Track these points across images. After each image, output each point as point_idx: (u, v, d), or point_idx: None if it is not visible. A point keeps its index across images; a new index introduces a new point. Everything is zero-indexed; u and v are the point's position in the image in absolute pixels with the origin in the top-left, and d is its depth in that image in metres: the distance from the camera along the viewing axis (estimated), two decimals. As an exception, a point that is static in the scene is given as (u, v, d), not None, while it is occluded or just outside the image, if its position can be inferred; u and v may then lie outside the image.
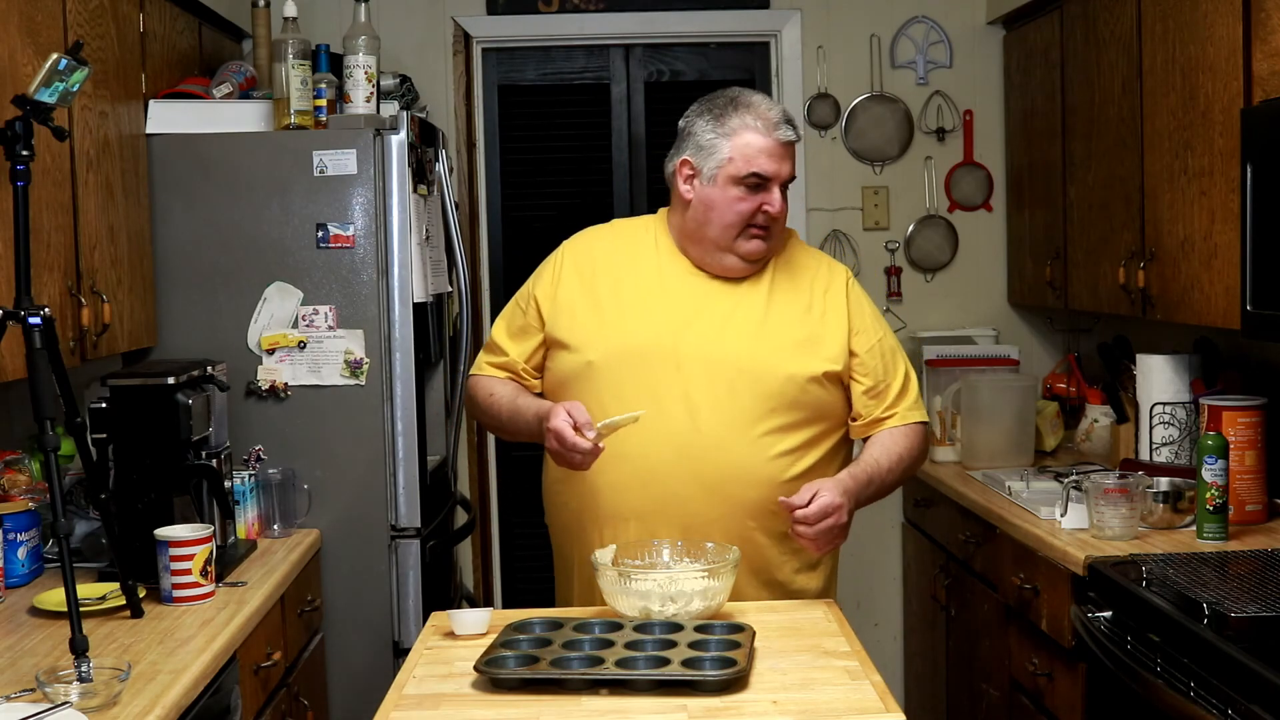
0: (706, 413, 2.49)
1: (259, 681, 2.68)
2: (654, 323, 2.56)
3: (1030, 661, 3.13)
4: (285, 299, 3.30)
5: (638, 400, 2.47)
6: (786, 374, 2.51)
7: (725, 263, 2.58)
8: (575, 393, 2.54)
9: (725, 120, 2.55)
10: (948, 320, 4.44)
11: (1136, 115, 3.32)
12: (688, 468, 2.49)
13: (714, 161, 2.54)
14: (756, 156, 2.51)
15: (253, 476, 3.16)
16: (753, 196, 2.53)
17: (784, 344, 2.54)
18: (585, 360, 2.55)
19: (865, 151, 4.42)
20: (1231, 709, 2.13)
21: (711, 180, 2.54)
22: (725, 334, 2.54)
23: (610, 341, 2.55)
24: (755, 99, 2.58)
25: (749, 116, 2.54)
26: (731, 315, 2.56)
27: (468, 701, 1.96)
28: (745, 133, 2.52)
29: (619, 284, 2.61)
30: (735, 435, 2.49)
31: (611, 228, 2.77)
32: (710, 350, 2.52)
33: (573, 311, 2.60)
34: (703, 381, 2.51)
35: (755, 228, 2.54)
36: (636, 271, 2.62)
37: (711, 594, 2.24)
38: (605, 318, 2.58)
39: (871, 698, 1.95)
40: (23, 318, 2.34)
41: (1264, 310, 2.57)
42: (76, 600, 2.24)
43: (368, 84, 3.34)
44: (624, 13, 4.37)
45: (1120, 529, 2.92)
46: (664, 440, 2.49)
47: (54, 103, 2.39)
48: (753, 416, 2.50)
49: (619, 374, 2.53)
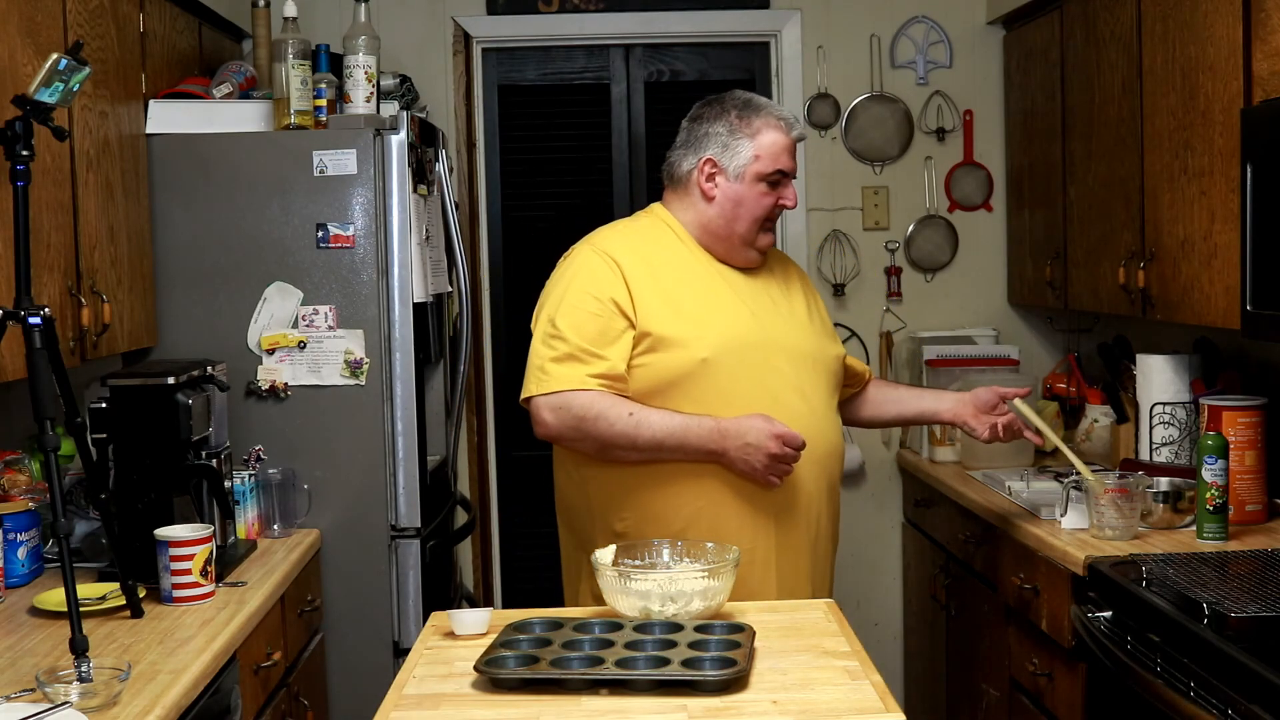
0: (813, 398, 2.66)
1: (259, 681, 2.68)
2: (742, 314, 2.65)
3: (1030, 661, 3.13)
4: (285, 299, 3.30)
5: (756, 393, 2.57)
6: (835, 354, 2.77)
7: (747, 256, 2.72)
8: (688, 392, 2.56)
9: (749, 121, 2.67)
10: (948, 320, 4.44)
11: (1136, 115, 3.32)
12: (812, 450, 2.59)
13: (740, 160, 2.67)
14: (781, 154, 2.67)
15: (253, 476, 3.16)
16: (774, 192, 2.68)
17: (821, 328, 2.78)
18: (698, 358, 2.55)
19: (865, 151, 4.42)
20: (1231, 709, 2.13)
21: (739, 178, 2.67)
22: (790, 323, 2.71)
23: (717, 337, 2.58)
24: (766, 101, 2.73)
25: (770, 117, 2.68)
26: (779, 305, 2.72)
27: (468, 701, 1.96)
28: (769, 132, 2.67)
29: (687, 282, 2.65)
30: (830, 415, 2.71)
31: (629, 227, 2.78)
32: (791, 339, 2.68)
33: (656, 309, 2.58)
34: (801, 369, 2.66)
35: (770, 221, 2.71)
36: (688, 268, 2.67)
37: (711, 594, 2.24)
38: (700, 315, 2.60)
39: (871, 698, 1.95)
40: (23, 318, 2.34)
41: (1264, 310, 2.57)
42: (76, 600, 2.24)
43: (368, 84, 3.34)
44: (624, 13, 4.37)
45: (1120, 529, 2.92)
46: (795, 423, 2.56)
47: (54, 103, 2.39)
48: (828, 396, 2.73)
49: (735, 369, 2.57)
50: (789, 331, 2.68)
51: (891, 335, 4.43)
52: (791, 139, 2.69)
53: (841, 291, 4.42)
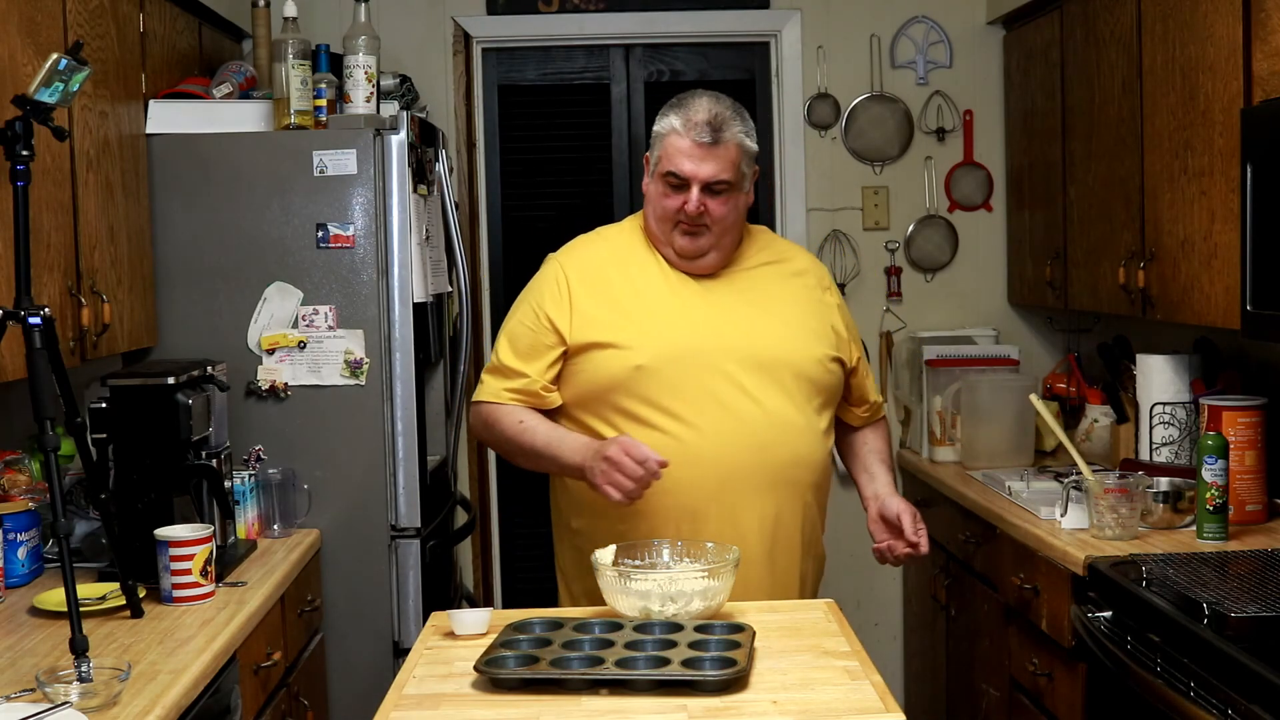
0: (768, 402, 2.57)
1: (259, 681, 2.68)
2: (688, 321, 2.60)
3: (1030, 661, 3.13)
4: (285, 299, 3.30)
5: (699, 398, 2.54)
6: (814, 358, 2.64)
7: (668, 256, 2.65)
8: (624, 398, 2.55)
9: (663, 118, 2.63)
10: (948, 320, 4.44)
11: (1136, 115, 3.32)
12: (761, 457, 2.55)
13: (654, 158, 2.64)
14: (675, 156, 2.57)
15: (253, 476, 3.16)
16: (675, 195, 2.59)
17: (802, 330, 2.66)
18: (634, 364, 2.54)
19: (865, 151, 4.42)
20: (1231, 709, 2.13)
21: (653, 176, 2.64)
22: (749, 328, 2.61)
23: (654, 344, 2.56)
24: (696, 101, 2.61)
25: (676, 117, 2.60)
26: (746, 309, 2.64)
27: (468, 701, 1.96)
28: (670, 133, 2.60)
29: (635, 287, 2.63)
30: (795, 420, 2.60)
31: (601, 236, 2.77)
32: (748, 343, 2.59)
33: (599, 319, 2.59)
34: (752, 373, 2.57)
35: (683, 224, 2.60)
36: (646, 274, 2.65)
37: (711, 594, 2.24)
38: (638, 321, 2.58)
39: (871, 698, 1.95)
40: (23, 318, 2.34)
41: (1264, 310, 2.57)
42: (76, 600, 2.24)
43: (368, 84, 3.34)
44: (624, 13, 4.37)
45: (1120, 529, 2.92)
46: (731, 436, 2.54)
47: (54, 103, 2.38)
48: (801, 400, 2.62)
49: (672, 374, 2.55)
50: (746, 337, 2.59)
51: (891, 335, 4.43)
52: (690, 142, 2.55)
53: (842, 291, 4.40)
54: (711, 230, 2.60)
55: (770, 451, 2.56)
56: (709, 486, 2.54)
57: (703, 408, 2.55)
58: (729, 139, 2.58)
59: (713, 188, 2.57)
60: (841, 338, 2.72)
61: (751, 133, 2.65)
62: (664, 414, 2.54)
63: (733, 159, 2.59)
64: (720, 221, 2.60)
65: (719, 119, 2.58)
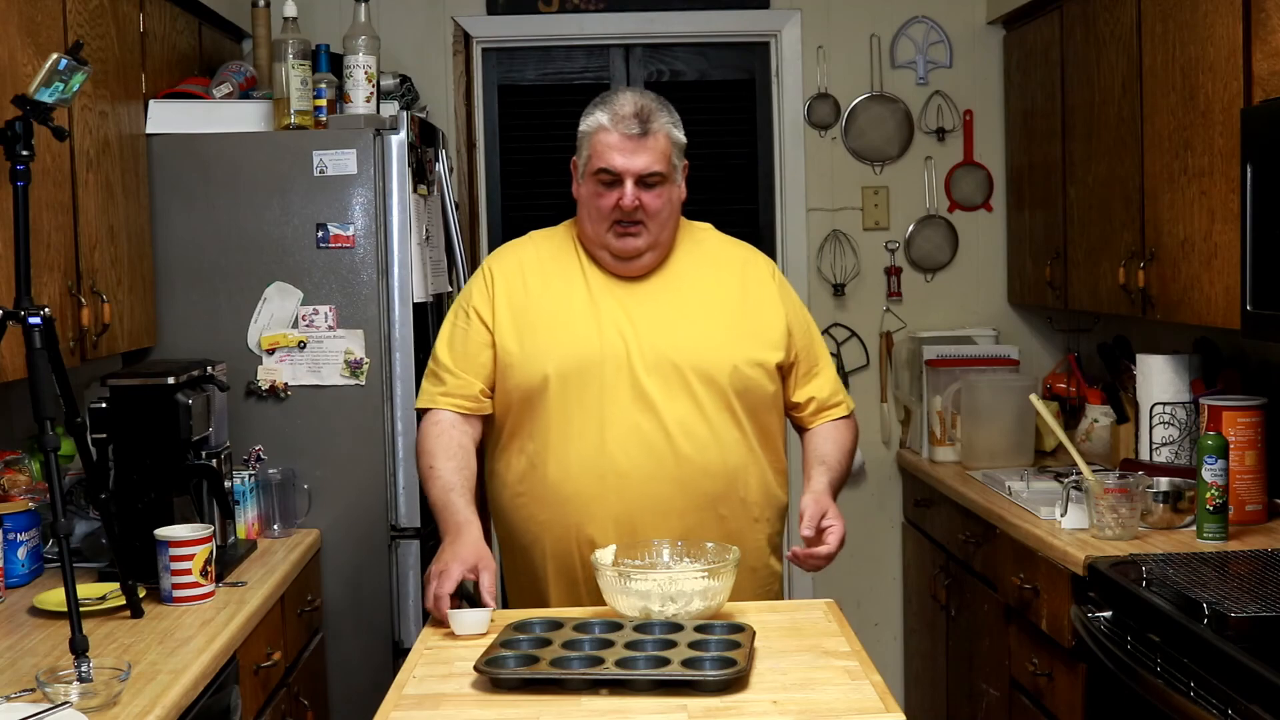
0: (672, 413, 2.50)
1: (259, 681, 2.68)
2: (601, 330, 2.53)
3: (1030, 661, 3.13)
4: (285, 299, 3.30)
5: (585, 415, 2.49)
6: (733, 365, 2.54)
7: (604, 260, 2.58)
8: (534, 407, 2.52)
9: (587, 117, 2.57)
10: (948, 320, 4.44)
11: (1136, 115, 3.32)
12: (663, 469, 2.49)
13: (582, 159, 2.57)
14: (604, 152, 2.51)
15: (253, 476, 3.16)
16: (609, 192, 2.52)
17: (727, 337, 2.56)
18: (541, 374, 2.51)
19: (865, 151, 4.43)
20: (1231, 709, 2.13)
21: (583, 177, 2.57)
22: (669, 333, 2.54)
23: (563, 353, 2.51)
24: (620, 95, 2.56)
25: (602, 113, 2.54)
26: (670, 314, 2.56)
27: (468, 701, 1.96)
28: (598, 130, 2.53)
29: (552, 295, 2.57)
30: (701, 431, 2.51)
31: (530, 240, 2.71)
32: (660, 351, 2.52)
33: (515, 327, 2.56)
34: (660, 383, 2.50)
35: (620, 224, 2.53)
36: (568, 280, 2.59)
37: (711, 594, 2.24)
38: (550, 330, 2.53)
39: (871, 698, 1.95)
40: (23, 318, 2.34)
41: (1264, 310, 2.57)
42: (76, 600, 2.24)
43: (368, 84, 3.35)
44: (624, 13, 4.37)
45: (1120, 529, 2.92)
46: (636, 445, 2.49)
47: (54, 103, 2.38)
48: (712, 408, 2.52)
49: (580, 384, 2.50)
50: (660, 345, 2.52)
51: (891, 335, 4.43)
52: (618, 135, 2.49)
53: (841, 291, 4.42)
54: (648, 227, 2.53)
55: (672, 463, 2.49)
56: (609, 500, 2.49)
57: (605, 419, 2.49)
58: (658, 129, 2.52)
59: (646, 180, 2.51)
60: (782, 336, 2.61)
61: (679, 124, 2.58)
62: (567, 426, 2.49)
63: (663, 150, 2.52)
64: (656, 216, 2.53)
65: (645, 110, 2.52)
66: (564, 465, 2.50)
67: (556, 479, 2.51)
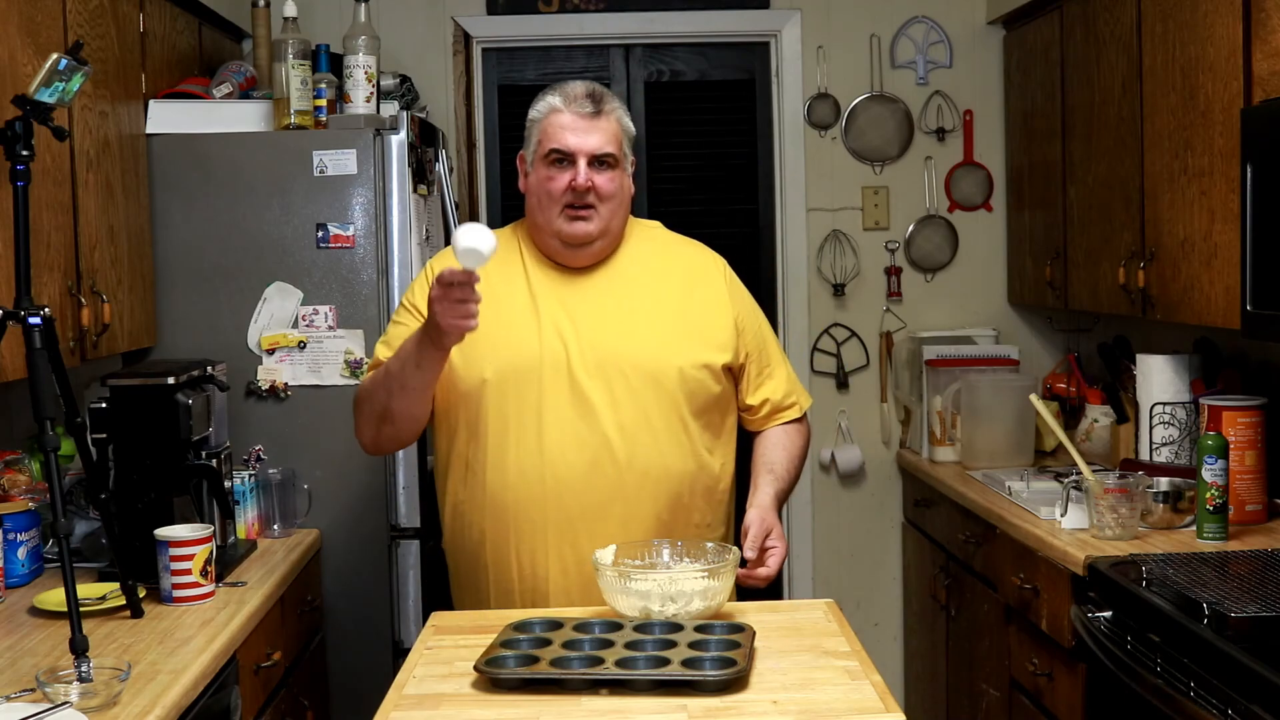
0: (613, 418, 2.45)
1: (259, 681, 2.68)
2: (540, 332, 2.49)
3: (1030, 661, 3.13)
4: (285, 299, 3.30)
5: (538, 412, 2.45)
6: (678, 367, 2.49)
7: (554, 248, 2.55)
8: (473, 411, 2.48)
9: (537, 103, 2.57)
10: (948, 320, 4.44)
11: (1136, 115, 3.32)
12: (602, 474, 2.45)
13: (531, 147, 2.56)
14: (557, 132, 2.50)
15: (253, 476, 3.16)
16: (561, 174, 2.50)
17: (673, 337, 2.52)
18: (480, 378, 2.47)
19: (865, 151, 4.43)
20: (1231, 709, 2.13)
21: (533, 164, 2.56)
22: (613, 334, 2.50)
23: (501, 356, 2.47)
24: (571, 82, 2.56)
25: (555, 96, 2.53)
26: (614, 314, 2.52)
27: (468, 701, 1.96)
28: (550, 111, 2.52)
29: (495, 297, 2.49)
30: (643, 435, 2.47)
31: None
32: (603, 353, 2.47)
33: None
34: (601, 386, 2.46)
35: (571, 208, 2.50)
36: (509, 282, 2.54)
37: (711, 594, 2.24)
38: (490, 332, 2.45)
39: (871, 698, 1.94)
40: (23, 318, 2.34)
41: (1264, 310, 2.57)
42: (76, 600, 2.24)
43: (368, 84, 3.35)
44: (624, 13, 4.37)
45: (1120, 529, 2.92)
46: (575, 450, 2.44)
47: (54, 103, 2.38)
48: (656, 415, 2.48)
49: (518, 388, 2.46)
50: (602, 345, 2.48)
51: (891, 335, 4.43)
52: (571, 114, 2.49)
53: (841, 291, 4.42)
54: (599, 211, 2.50)
55: (612, 470, 2.44)
56: (548, 508, 2.45)
57: (544, 424, 2.44)
58: (610, 111, 2.52)
59: (600, 159, 2.49)
60: (730, 337, 2.56)
61: (628, 116, 2.58)
62: (505, 432, 2.45)
63: (615, 133, 2.51)
64: (608, 200, 2.50)
65: (598, 94, 2.53)
66: (502, 472, 2.46)
67: (495, 486, 2.47)
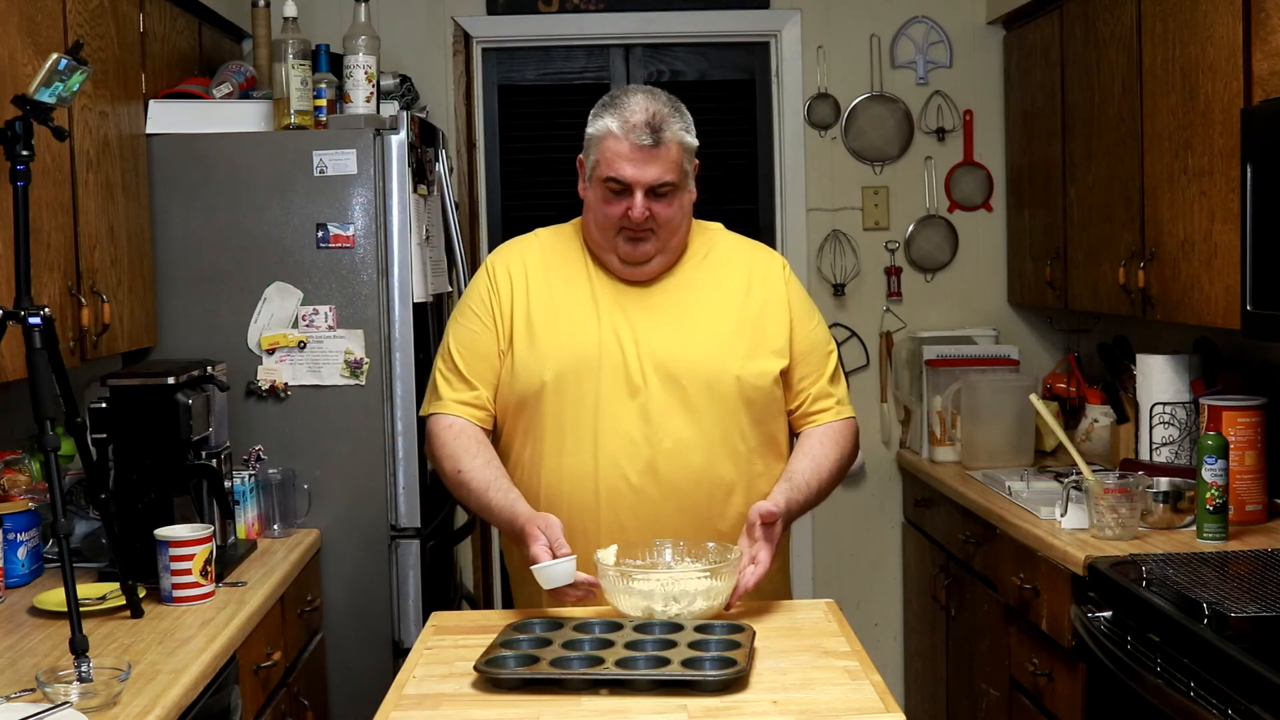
0: (667, 424, 2.43)
1: (259, 681, 2.68)
2: (600, 334, 2.47)
3: (1030, 661, 3.13)
4: (285, 299, 3.30)
5: (598, 416, 2.43)
6: (735, 375, 2.46)
7: (612, 264, 2.52)
8: (532, 414, 2.47)
9: (597, 120, 2.49)
10: (948, 320, 4.44)
11: (1136, 115, 3.32)
12: (655, 482, 2.43)
13: (590, 162, 2.51)
14: (614, 161, 2.43)
15: (253, 476, 3.16)
16: (618, 201, 2.45)
17: (731, 344, 2.49)
18: (540, 380, 2.45)
19: (865, 151, 4.43)
20: (1231, 709, 2.13)
21: (591, 181, 2.51)
22: (671, 340, 2.47)
23: (560, 358, 2.45)
24: (632, 100, 2.46)
25: (612, 118, 2.45)
26: (673, 320, 2.50)
27: (468, 701, 1.96)
28: (607, 136, 2.45)
29: (554, 296, 2.50)
30: (697, 443, 2.44)
31: (536, 237, 2.65)
32: (659, 360, 2.45)
33: (518, 329, 2.50)
34: (658, 392, 2.44)
35: (628, 230, 2.46)
36: (569, 282, 2.53)
37: (714, 594, 2.24)
38: (549, 333, 2.46)
39: (871, 698, 1.95)
40: (23, 318, 2.34)
41: (1264, 310, 2.57)
42: (76, 600, 2.24)
43: (368, 84, 3.35)
44: (624, 13, 4.38)
45: (1120, 529, 2.92)
46: (628, 459, 2.43)
47: (54, 103, 2.38)
48: (710, 422, 2.45)
49: (576, 390, 2.45)
50: (659, 351, 2.45)
51: (891, 335, 4.43)
52: (629, 145, 2.40)
53: (841, 291, 4.42)
54: (658, 234, 2.46)
55: (666, 476, 2.43)
56: (601, 511, 2.44)
57: (600, 428, 2.43)
58: (669, 139, 2.43)
59: (657, 191, 2.43)
60: (787, 344, 2.52)
61: (690, 127, 2.49)
62: (561, 433, 2.45)
63: (675, 159, 2.44)
64: (667, 224, 2.46)
65: (658, 118, 2.42)
66: (557, 473, 2.46)
67: (550, 493, 2.46)
